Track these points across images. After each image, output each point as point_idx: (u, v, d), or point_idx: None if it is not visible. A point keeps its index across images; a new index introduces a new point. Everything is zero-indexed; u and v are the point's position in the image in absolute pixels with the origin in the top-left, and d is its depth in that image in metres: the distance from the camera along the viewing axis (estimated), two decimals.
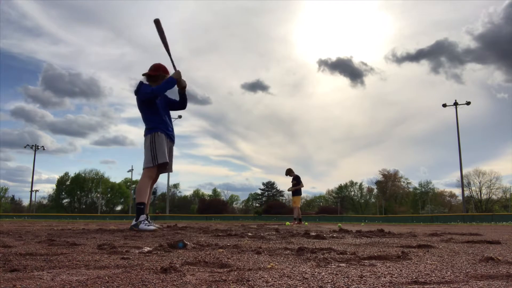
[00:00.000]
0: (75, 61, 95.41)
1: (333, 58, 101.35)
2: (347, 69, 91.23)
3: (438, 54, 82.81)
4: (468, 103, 30.91)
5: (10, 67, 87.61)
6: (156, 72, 4.30)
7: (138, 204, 4.03)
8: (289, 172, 10.98)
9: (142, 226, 3.85)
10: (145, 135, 4.18)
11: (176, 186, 74.60)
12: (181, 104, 4.51)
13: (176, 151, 4.52)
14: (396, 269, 1.27)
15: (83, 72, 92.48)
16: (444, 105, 31.50)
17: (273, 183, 72.13)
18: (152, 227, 3.88)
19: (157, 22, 4.19)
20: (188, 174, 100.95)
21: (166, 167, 4.26)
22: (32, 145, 45.38)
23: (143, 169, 4.14)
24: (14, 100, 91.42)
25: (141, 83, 4.24)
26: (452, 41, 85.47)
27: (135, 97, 4.27)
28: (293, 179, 10.87)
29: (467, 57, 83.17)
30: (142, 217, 3.94)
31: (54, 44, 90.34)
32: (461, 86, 77.89)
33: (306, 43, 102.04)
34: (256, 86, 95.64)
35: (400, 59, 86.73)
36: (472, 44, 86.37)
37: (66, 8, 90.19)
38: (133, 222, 3.94)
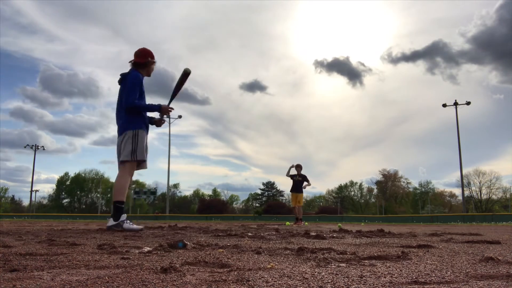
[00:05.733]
0: (71, 59, 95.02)
1: (329, 59, 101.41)
2: (344, 69, 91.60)
3: (433, 55, 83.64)
4: (468, 103, 30.92)
5: (6, 66, 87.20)
6: (144, 59, 4.14)
7: (118, 202, 3.81)
8: (298, 167, 10.60)
9: (126, 225, 3.72)
10: (126, 129, 3.98)
11: (176, 186, 74.61)
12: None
13: (175, 150, 4.30)
14: (396, 269, 1.27)
15: (79, 71, 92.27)
16: (444, 105, 31.52)
17: (273, 183, 72.22)
18: (136, 227, 3.77)
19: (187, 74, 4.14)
20: (188, 174, 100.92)
21: (142, 164, 4.10)
22: (32, 145, 45.44)
23: (122, 162, 3.92)
24: (12, 100, 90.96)
25: (130, 73, 4.05)
26: (447, 42, 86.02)
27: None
28: (299, 176, 10.50)
29: (463, 58, 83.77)
30: (123, 216, 3.78)
31: (50, 42, 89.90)
32: (458, 86, 78.17)
33: (304, 42, 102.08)
34: (254, 86, 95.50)
35: (395, 60, 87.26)
36: (467, 46, 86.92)
37: (61, 5, 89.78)
38: (112, 222, 3.76)
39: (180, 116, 38.19)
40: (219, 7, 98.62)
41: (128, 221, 3.80)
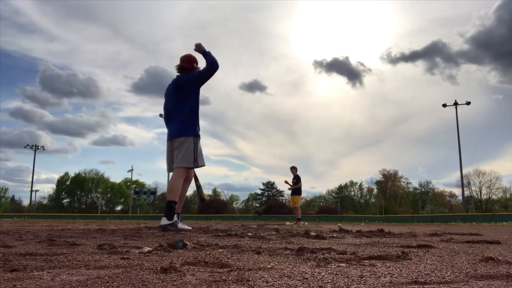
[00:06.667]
0: (70, 59, 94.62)
1: (329, 59, 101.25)
2: (344, 69, 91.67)
3: (433, 55, 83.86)
4: (468, 103, 30.88)
5: (5, 65, 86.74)
6: (189, 64, 4.26)
7: (172, 202, 3.93)
8: (293, 169, 10.84)
9: (180, 225, 3.96)
10: (184, 134, 4.03)
11: None
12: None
13: None
14: (396, 269, 1.27)
15: (78, 70, 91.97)
16: (444, 105, 31.48)
17: (273, 183, 72.19)
18: (187, 227, 4.05)
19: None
20: None
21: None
22: (32, 145, 45.38)
23: (180, 167, 4.01)
24: (11, 100, 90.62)
25: (182, 76, 4.18)
26: (446, 42, 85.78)
27: (134, 95, 4.36)
28: (294, 178, 10.77)
29: (462, 58, 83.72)
30: (176, 216, 4.00)
31: (49, 41, 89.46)
32: (458, 86, 78.17)
33: (303, 42, 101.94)
34: (254, 86, 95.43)
35: (395, 60, 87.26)
36: (465, 46, 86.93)
37: (60, 4, 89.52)
38: (166, 221, 3.84)
39: None
40: (219, 7, 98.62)
41: (181, 222, 4.07)
